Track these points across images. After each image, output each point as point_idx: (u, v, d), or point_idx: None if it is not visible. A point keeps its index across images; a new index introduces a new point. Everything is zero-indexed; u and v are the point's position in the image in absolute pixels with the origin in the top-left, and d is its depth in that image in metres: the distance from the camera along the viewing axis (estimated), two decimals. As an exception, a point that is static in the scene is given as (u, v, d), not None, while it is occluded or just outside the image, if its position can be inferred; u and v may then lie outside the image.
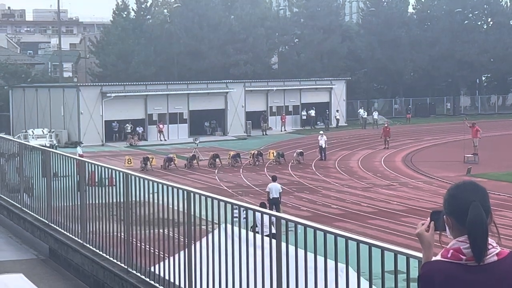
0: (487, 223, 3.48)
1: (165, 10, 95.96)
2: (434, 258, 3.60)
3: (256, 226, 6.65)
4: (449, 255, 3.53)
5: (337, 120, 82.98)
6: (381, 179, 43.54)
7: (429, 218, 3.73)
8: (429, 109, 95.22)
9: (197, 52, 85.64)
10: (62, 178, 11.49)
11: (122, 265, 8.96)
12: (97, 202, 10.04)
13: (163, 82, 76.42)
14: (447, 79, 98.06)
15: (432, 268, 3.57)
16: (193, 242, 7.43)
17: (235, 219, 6.77)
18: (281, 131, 78.25)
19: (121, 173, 9.28)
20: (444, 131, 73.21)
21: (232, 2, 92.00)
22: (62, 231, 11.16)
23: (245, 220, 6.77)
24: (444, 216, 3.64)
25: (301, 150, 51.76)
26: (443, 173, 43.47)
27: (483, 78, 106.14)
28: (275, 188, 31.96)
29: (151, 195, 8.46)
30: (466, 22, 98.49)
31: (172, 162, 49.05)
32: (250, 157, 50.96)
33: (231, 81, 79.27)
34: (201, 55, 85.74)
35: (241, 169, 47.86)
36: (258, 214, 6.76)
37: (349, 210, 33.50)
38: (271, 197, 31.47)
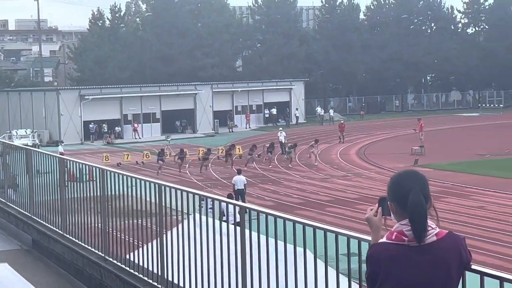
0: (426, 207, 3.49)
1: (138, 19, 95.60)
2: (380, 240, 3.62)
3: (224, 215, 6.61)
4: (393, 237, 3.55)
5: (297, 117, 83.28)
6: (338, 170, 43.74)
7: (377, 204, 3.75)
8: (380, 106, 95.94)
9: (167, 57, 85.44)
10: (44, 174, 11.39)
11: (100, 253, 8.93)
12: (76, 196, 9.98)
13: (136, 85, 76.25)
14: (396, 79, 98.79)
15: (378, 249, 3.59)
16: (164, 231, 7.41)
17: (203, 209, 6.77)
18: (246, 128, 78.44)
19: (97, 169, 9.23)
20: (393, 126, 73.77)
21: (199, 11, 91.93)
22: (44, 223, 11.09)
23: (211, 210, 6.76)
24: (388, 202, 3.66)
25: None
26: (393, 164, 43.74)
27: (428, 78, 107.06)
28: (239, 180, 32.03)
29: (129, 189, 8.42)
30: (412, 27, 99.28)
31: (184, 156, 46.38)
32: (220, 152, 51.20)
33: (200, 83, 79.20)
34: (171, 59, 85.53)
35: (210, 164, 47.76)
36: (227, 205, 6.76)
37: (309, 199, 33.59)
38: (236, 189, 31.51)
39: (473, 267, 3.72)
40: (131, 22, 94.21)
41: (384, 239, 3.59)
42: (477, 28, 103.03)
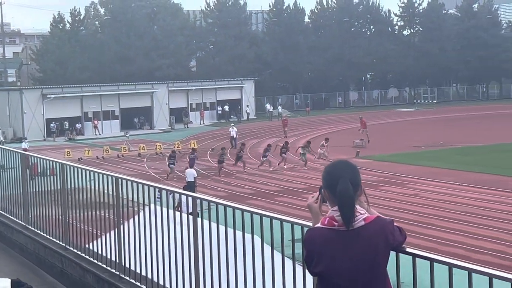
0: (354, 195, 3.51)
1: (97, 22, 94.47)
2: (316, 225, 3.66)
3: (180, 206, 6.59)
4: (326, 222, 3.58)
5: (248, 114, 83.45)
6: (286, 163, 43.81)
7: (317, 192, 3.78)
8: (324, 103, 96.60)
9: (125, 58, 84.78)
10: (8, 170, 11.20)
11: (61, 243, 8.83)
12: (39, 190, 9.85)
13: (96, 84, 75.43)
14: (339, 78, 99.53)
15: (313, 233, 3.62)
16: (122, 221, 7.36)
17: (160, 200, 6.75)
18: (200, 124, 78.22)
19: (58, 164, 9.11)
20: (337, 121, 74.35)
21: (155, 14, 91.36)
22: (8, 215, 10.93)
23: (159, 199, 6.73)
24: (322, 190, 3.69)
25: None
26: (337, 156, 43.84)
27: (368, 76, 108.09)
28: (190, 173, 32.00)
29: (88, 182, 8.33)
30: (353, 29, 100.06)
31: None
32: (176, 146, 50.64)
33: (156, 82, 78.88)
34: (129, 60, 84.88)
35: (166, 157, 47.48)
36: (182, 196, 6.74)
37: (260, 189, 33.66)
38: (187, 181, 31.45)
39: (407, 249, 3.77)
40: (91, 25, 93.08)
41: (319, 224, 3.63)
42: (412, 30, 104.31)
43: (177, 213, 6.40)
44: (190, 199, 6.18)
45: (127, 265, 7.14)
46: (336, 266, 3.50)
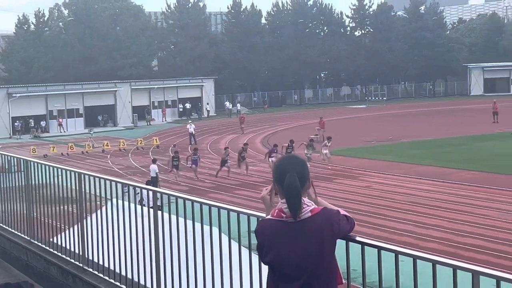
0: (300, 188, 3.52)
1: (61, 23, 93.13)
2: (267, 217, 3.68)
3: (143, 200, 6.54)
4: (275, 214, 3.60)
5: (208, 111, 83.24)
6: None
7: (271, 185, 3.79)
8: (281, 100, 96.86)
9: (89, 58, 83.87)
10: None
11: (26, 237, 8.71)
12: (5, 186, 9.68)
13: (61, 84, 74.52)
14: (294, 76, 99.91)
15: (264, 224, 3.65)
16: (85, 215, 7.28)
17: (127, 195, 6.70)
18: (162, 121, 77.82)
19: (23, 160, 8.97)
20: (293, 117, 74.62)
21: (117, 16, 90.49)
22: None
23: (127, 193, 6.68)
24: (273, 183, 3.70)
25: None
26: (295, 151, 44.17)
27: (322, 75, 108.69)
28: (152, 169, 31.83)
29: (53, 178, 8.21)
30: (307, 30, 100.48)
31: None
32: (139, 143, 50.28)
33: (119, 81, 78.25)
34: (92, 60, 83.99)
35: (130, 154, 47.16)
36: (144, 190, 6.70)
37: (220, 183, 33.59)
38: (151, 176, 31.28)
39: (357, 238, 3.79)
40: (55, 26, 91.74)
41: (269, 216, 3.65)
42: (363, 31, 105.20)
43: (139, 207, 6.35)
44: (150, 193, 6.14)
45: (90, 257, 7.08)
46: (284, 255, 3.52)
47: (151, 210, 6.07)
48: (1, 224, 9.62)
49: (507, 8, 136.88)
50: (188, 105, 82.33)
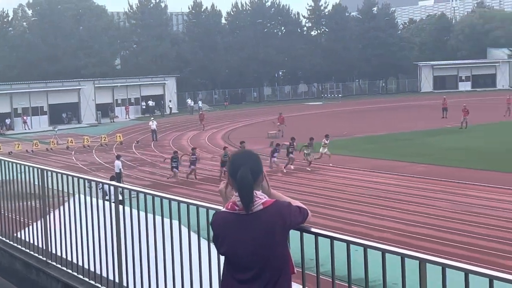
0: (252, 182, 3.52)
1: (25, 23, 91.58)
2: (221, 210, 3.68)
3: (107, 195, 6.48)
4: (229, 207, 3.61)
5: (170, 108, 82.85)
6: (207, 152, 43.78)
7: (227, 179, 3.78)
8: (241, 98, 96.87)
9: (53, 57, 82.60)
10: None
11: (-10, 232, 8.55)
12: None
13: (25, 82, 73.28)
14: (254, 74, 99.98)
15: (218, 217, 3.66)
16: (48, 210, 7.17)
17: (94, 190, 6.62)
18: (126, 118, 77.19)
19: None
20: (253, 114, 74.70)
21: (81, 16, 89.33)
22: None
23: (90, 189, 6.61)
24: (227, 177, 3.71)
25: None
26: (253, 146, 44.03)
27: (280, 73, 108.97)
28: (116, 165, 31.57)
29: (17, 175, 8.08)
30: (265, 30, 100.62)
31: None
32: (103, 140, 49.72)
33: (83, 79, 77.36)
34: (56, 59, 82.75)
35: (94, 150, 46.65)
36: (102, 185, 6.63)
37: (182, 178, 33.43)
38: (115, 172, 31.02)
39: (312, 229, 3.81)
40: (19, 26, 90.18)
41: (223, 209, 3.66)
42: (319, 31, 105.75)
43: (102, 202, 6.29)
44: (112, 188, 6.09)
45: (54, 251, 6.99)
46: (238, 246, 3.53)
47: (113, 205, 6.01)
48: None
49: (454, 9, 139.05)
50: (151, 103, 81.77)
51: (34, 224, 7.51)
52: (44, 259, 7.14)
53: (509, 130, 46.27)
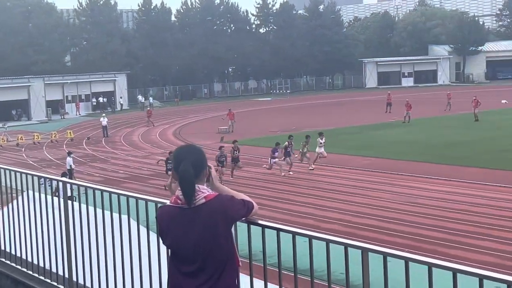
0: (193, 176, 3.52)
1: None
2: (166, 204, 3.69)
3: (58, 191, 6.37)
4: (172, 201, 3.62)
5: (121, 104, 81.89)
6: (157, 148, 43.42)
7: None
8: (191, 94, 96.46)
9: (2, 54, 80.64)
10: None
11: None
12: None
13: (-27, 79, 71.43)
14: (204, 71, 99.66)
15: (162, 211, 3.68)
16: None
17: (43, 186, 6.49)
18: (76, 115, 76.01)
19: None
20: (203, 110, 74.46)
21: (30, 13, 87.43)
22: None
23: (43, 185, 6.48)
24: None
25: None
26: (204, 142, 44.13)
27: (230, 70, 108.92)
28: (68, 161, 31.06)
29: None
30: (215, 27, 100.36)
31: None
32: (53, 136, 48.80)
33: (32, 76, 75.70)
34: (5, 56, 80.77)
35: (44, 147, 45.76)
36: (57, 182, 6.52)
37: (133, 174, 33.12)
38: (67, 169, 30.51)
39: (258, 221, 3.82)
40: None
41: (168, 202, 3.66)
42: (267, 29, 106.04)
43: (53, 198, 6.19)
44: (61, 184, 6.00)
45: (3, 248, 6.84)
46: (181, 239, 3.54)
47: (61, 200, 5.92)
48: None
49: (397, 7, 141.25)
50: (102, 99, 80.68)
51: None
52: (-6, 255, 6.98)
53: (450, 124, 47.34)
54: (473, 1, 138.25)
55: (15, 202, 6.74)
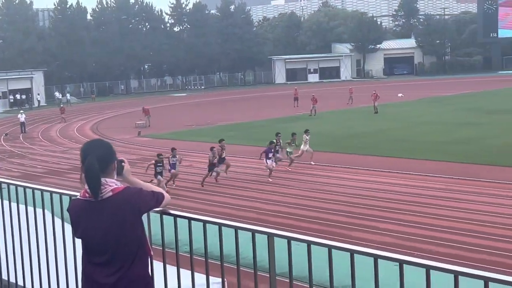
0: (99, 170, 3.47)
1: None
2: (77, 197, 3.65)
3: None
4: (81, 194, 3.58)
5: (39, 101, 79.42)
6: (75, 143, 42.27)
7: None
8: (108, 90, 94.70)
9: None
10: None
11: None
12: None
13: None
14: (120, 68, 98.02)
15: (74, 204, 3.64)
16: None
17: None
18: (-7, 112, 73.00)
19: None
20: (120, 106, 73.21)
21: None
22: None
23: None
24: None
25: None
26: (122, 136, 43.45)
27: (146, 67, 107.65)
28: None
29: None
30: (130, 26, 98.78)
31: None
32: None
33: None
34: None
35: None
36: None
37: (52, 169, 32.13)
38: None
39: (171, 211, 3.80)
40: None
41: (78, 196, 3.61)
42: (181, 27, 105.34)
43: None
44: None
45: None
46: (90, 232, 3.50)
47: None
48: None
49: (303, 8, 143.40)
50: (19, 96, 77.83)
51: None
52: None
53: (352, 116, 48.63)
54: (372, 2, 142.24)
55: None
